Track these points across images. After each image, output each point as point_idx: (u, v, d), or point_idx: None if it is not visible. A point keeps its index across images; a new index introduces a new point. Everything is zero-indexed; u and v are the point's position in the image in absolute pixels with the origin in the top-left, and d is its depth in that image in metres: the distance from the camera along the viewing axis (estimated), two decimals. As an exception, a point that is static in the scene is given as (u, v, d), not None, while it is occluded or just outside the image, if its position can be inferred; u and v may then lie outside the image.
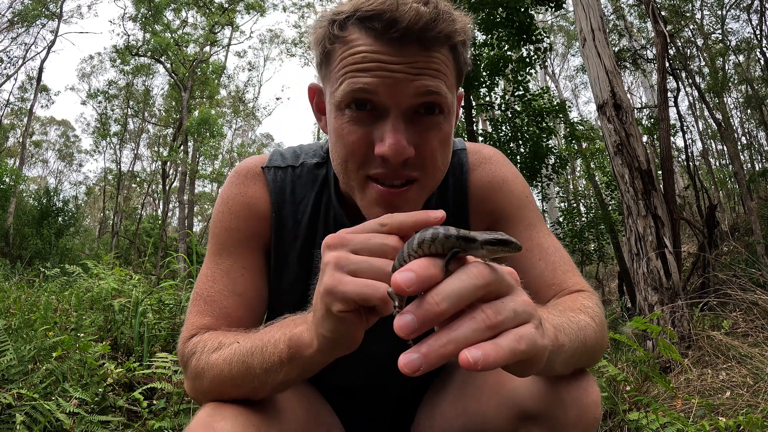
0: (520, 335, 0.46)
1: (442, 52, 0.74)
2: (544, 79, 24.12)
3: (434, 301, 0.45)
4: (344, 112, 0.76)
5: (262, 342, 0.69)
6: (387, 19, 0.70)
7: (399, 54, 0.71)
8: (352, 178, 0.80)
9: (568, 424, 0.73)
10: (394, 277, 0.47)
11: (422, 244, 0.50)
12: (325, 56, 0.79)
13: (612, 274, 14.66)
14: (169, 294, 3.28)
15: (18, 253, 14.52)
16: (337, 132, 0.78)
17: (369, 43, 0.72)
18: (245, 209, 0.93)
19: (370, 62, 0.72)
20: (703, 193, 11.47)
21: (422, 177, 0.79)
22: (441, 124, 0.77)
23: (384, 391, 1.06)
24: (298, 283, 0.96)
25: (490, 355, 0.43)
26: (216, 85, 23.52)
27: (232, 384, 0.72)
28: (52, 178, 31.94)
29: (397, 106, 0.73)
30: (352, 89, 0.73)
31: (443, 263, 0.49)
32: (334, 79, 0.76)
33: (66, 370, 2.04)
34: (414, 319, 0.45)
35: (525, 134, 8.69)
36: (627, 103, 5.25)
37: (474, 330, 0.45)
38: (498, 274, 0.49)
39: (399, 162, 0.74)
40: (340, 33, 0.75)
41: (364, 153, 0.76)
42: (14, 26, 20.65)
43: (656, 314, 2.26)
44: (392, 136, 0.72)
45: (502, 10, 7.55)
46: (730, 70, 17.04)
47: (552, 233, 0.97)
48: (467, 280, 0.47)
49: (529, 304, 0.50)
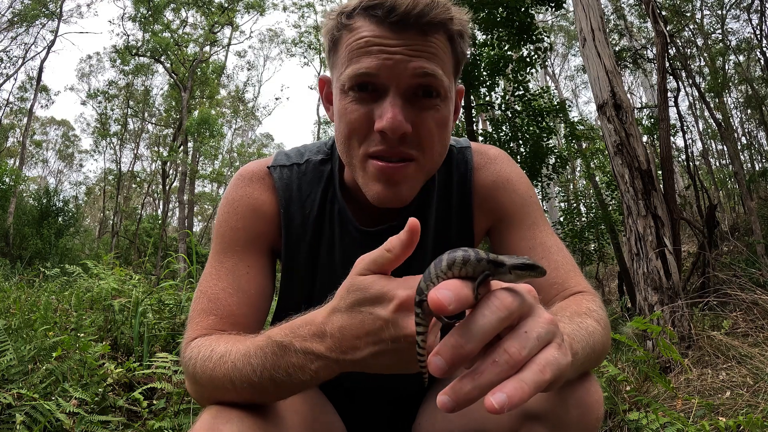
0: (543, 364, 0.47)
1: (438, 38, 0.79)
2: (544, 79, 24.13)
3: (460, 344, 0.47)
4: (348, 94, 0.80)
5: (271, 361, 0.66)
6: (388, 6, 0.76)
7: (398, 37, 0.77)
8: (354, 156, 0.83)
9: (570, 424, 0.73)
10: (433, 295, 0.47)
11: (452, 266, 0.50)
12: (333, 44, 0.84)
13: (612, 274, 14.66)
14: (169, 294, 3.28)
15: (18, 253, 14.51)
16: (341, 112, 0.82)
17: (371, 29, 0.78)
18: (251, 210, 0.93)
19: (372, 46, 0.77)
20: (703, 193, 11.46)
21: (420, 157, 0.82)
22: (438, 107, 0.81)
23: (386, 391, 1.06)
24: (306, 279, 0.97)
25: (515, 396, 0.44)
26: (216, 85, 23.53)
27: (235, 394, 0.71)
28: (52, 178, 31.99)
29: (396, 86, 0.78)
30: (355, 72, 0.78)
31: (474, 286, 0.49)
32: (340, 64, 0.81)
33: (66, 370, 2.04)
34: (444, 362, 0.47)
35: (525, 134, 8.68)
36: (627, 103, 5.25)
37: (497, 374, 0.46)
38: (520, 300, 0.50)
39: (397, 136, 0.78)
40: (347, 21, 0.80)
41: (365, 130, 0.80)
42: (14, 26, 20.64)
43: (656, 314, 2.26)
44: (390, 110, 0.77)
45: (502, 10, 7.55)
46: (730, 70, 17.06)
47: (555, 233, 0.98)
48: (491, 316, 0.48)
49: (551, 322, 0.51)
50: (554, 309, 0.79)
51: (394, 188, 0.82)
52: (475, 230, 0.99)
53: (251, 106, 29.63)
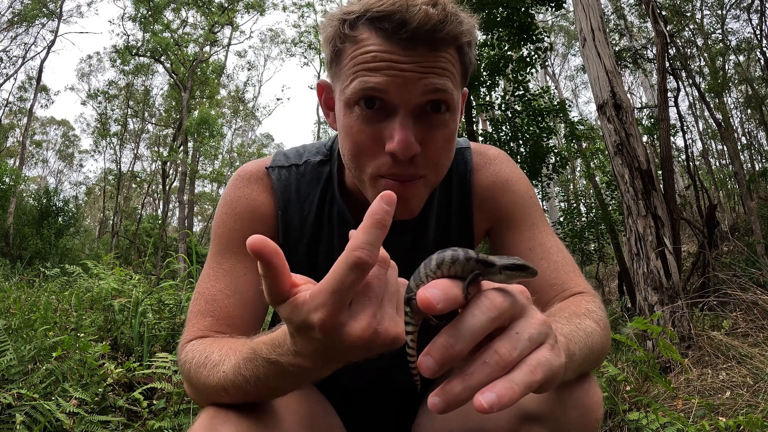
0: (534, 365, 0.47)
1: (449, 52, 0.76)
2: (544, 78, 24.12)
3: (450, 344, 0.46)
4: (353, 110, 0.78)
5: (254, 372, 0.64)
6: (397, 20, 0.72)
7: (408, 54, 0.73)
8: (363, 173, 0.82)
9: (569, 425, 0.73)
10: (421, 294, 0.46)
11: (441, 265, 0.50)
12: (335, 54, 0.80)
13: (612, 274, 14.66)
14: (169, 294, 3.28)
15: (18, 253, 14.51)
16: (347, 129, 0.80)
17: (379, 43, 0.74)
18: (249, 211, 0.93)
19: (381, 62, 0.73)
20: (703, 193, 11.46)
21: (429, 174, 0.81)
22: (447, 122, 0.79)
23: (385, 392, 1.06)
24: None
25: (505, 396, 0.44)
26: (216, 85, 23.53)
27: (229, 399, 0.71)
28: (52, 178, 31.98)
29: (405, 104, 0.75)
30: (362, 87, 0.74)
31: (463, 286, 0.49)
32: (344, 77, 0.78)
33: (66, 370, 2.04)
34: (434, 362, 0.46)
35: (525, 134, 8.68)
36: (627, 103, 5.25)
37: (488, 375, 0.46)
38: (511, 300, 0.49)
39: (407, 158, 0.76)
40: (351, 32, 0.76)
41: (373, 150, 0.78)
42: (14, 26, 20.64)
43: (657, 315, 2.26)
44: (401, 133, 0.74)
45: (502, 10, 7.54)
46: (730, 70, 17.06)
47: (555, 234, 0.98)
48: (481, 316, 0.47)
49: (543, 323, 0.50)
50: (553, 310, 0.78)
51: (404, 204, 0.81)
52: (475, 231, 0.99)
53: (251, 106, 29.65)
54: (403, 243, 0.97)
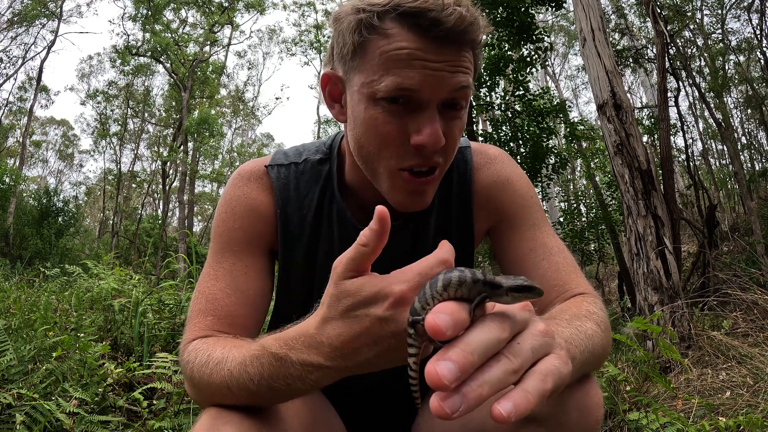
0: (545, 374, 0.47)
1: (469, 52, 0.79)
2: (544, 79, 24.14)
3: (467, 351, 0.46)
4: (378, 103, 0.78)
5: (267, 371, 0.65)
6: (432, 18, 0.73)
7: (440, 52, 0.75)
8: (381, 166, 0.82)
9: (569, 426, 0.72)
10: (431, 320, 0.46)
11: (448, 287, 0.49)
12: (358, 46, 0.79)
13: (612, 274, 14.66)
14: (169, 294, 3.28)
15: (18, 253, 14.52)
16: (369, 122, 0.80)
17: (413, 40, 0.74)
18: (248, 210, 0.93)
19: (415, 59, 0.74)
20: (703, 193, 11.46)
21: (443, 163, 0.84)
22: (462, 116, 0.83)
23: (386, 392, 1.06)
24: (304, 279, 0.96)
25: (521, 405, 0.45)
26: (216, 84, 23.53)
27: (232, 399, 0.71)
28: (52, 178, 31.99)
29: (434, 100, 0.77)
30: (397, 86, 0.75)
31: (470, 308, 0.48)
32: (371, 70, 0.78)
33: (66, 370, 2.04)
34: (456, 368, 0.45)
35: (525, 134, 8.67)
36: (627, 103, 5.25)
37: (504, 372, 0.46)
38: (515, 320, 0.49)
39: (435, 150, 0.79)
40: (380, 24, 0.76)
41: (399, 144, 0.80)
42: (14, 26, 20.64)
43: (657, 315, 2.25)
44: (431, 126, 0.77)
45: (502, 10, 7.54)
46: (730, 70, 17.05)
47: (556, 234, 0.97)
48: (491, 333, 0.47)
49: (546, 334, 0.50)
50: (553, 312, 0.78)
51: (420, 197, 0.84)
52: (475, 231, 0.99)
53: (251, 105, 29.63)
54: (403, 243, 0.97)
